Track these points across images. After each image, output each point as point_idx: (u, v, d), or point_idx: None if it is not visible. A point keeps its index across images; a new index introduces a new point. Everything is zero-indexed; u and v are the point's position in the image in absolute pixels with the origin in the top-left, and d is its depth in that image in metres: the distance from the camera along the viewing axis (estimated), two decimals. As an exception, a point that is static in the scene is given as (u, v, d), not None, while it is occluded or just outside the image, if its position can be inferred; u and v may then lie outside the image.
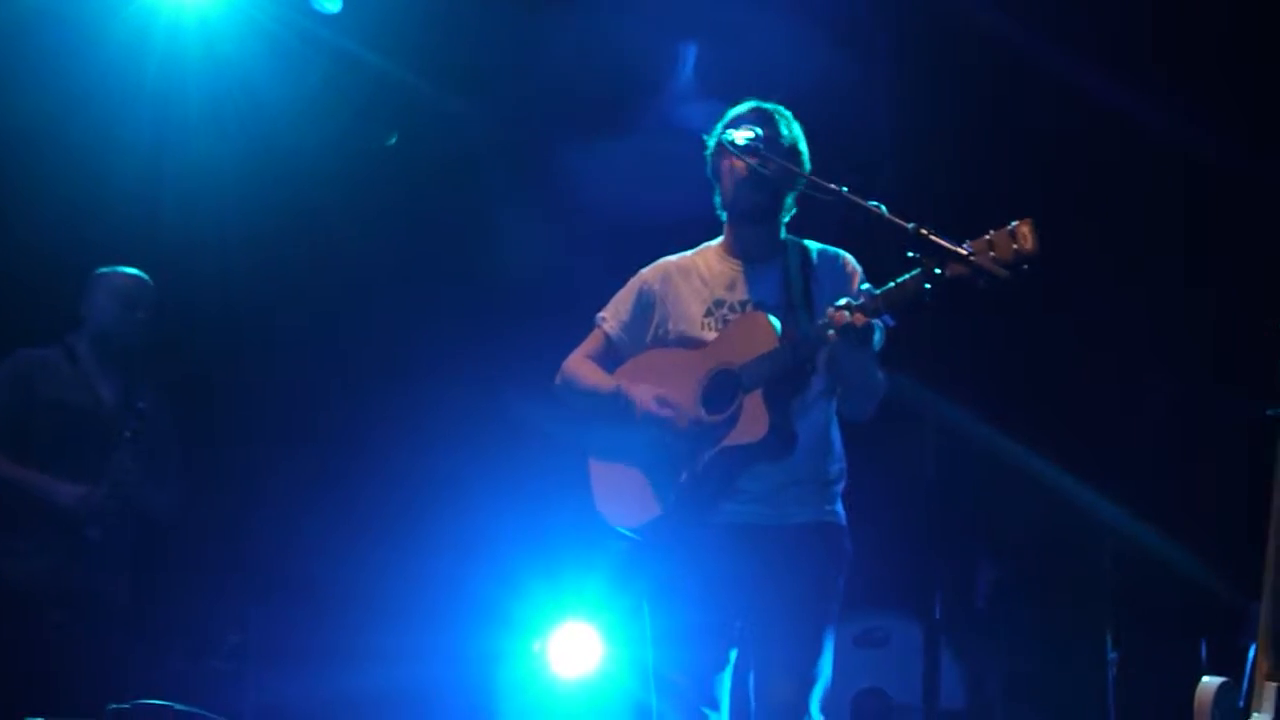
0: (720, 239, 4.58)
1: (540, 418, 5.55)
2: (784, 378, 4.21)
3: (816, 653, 4.22)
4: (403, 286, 7.21)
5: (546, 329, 7.16)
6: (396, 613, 6.97)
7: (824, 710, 4.21)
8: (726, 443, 4.20)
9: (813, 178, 4.29)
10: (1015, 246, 3.71)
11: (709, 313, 4.41)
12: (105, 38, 6.27)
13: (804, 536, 4.28)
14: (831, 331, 4.00)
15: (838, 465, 4.41)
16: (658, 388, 4.31)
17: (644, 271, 4.56)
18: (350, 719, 6.45)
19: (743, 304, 4.40)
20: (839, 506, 4.39)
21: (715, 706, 4.27)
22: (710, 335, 4.36)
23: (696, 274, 4.49)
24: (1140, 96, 6.43)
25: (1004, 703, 7.17)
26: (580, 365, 4.50)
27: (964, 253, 3.79)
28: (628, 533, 4.38)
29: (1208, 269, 6.80)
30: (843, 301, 4.02)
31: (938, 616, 3.95)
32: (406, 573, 7.02)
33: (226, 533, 6.94)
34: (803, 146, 4.48)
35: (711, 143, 4.53)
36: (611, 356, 4.50)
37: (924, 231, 3.88)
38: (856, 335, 4.00)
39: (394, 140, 7.03)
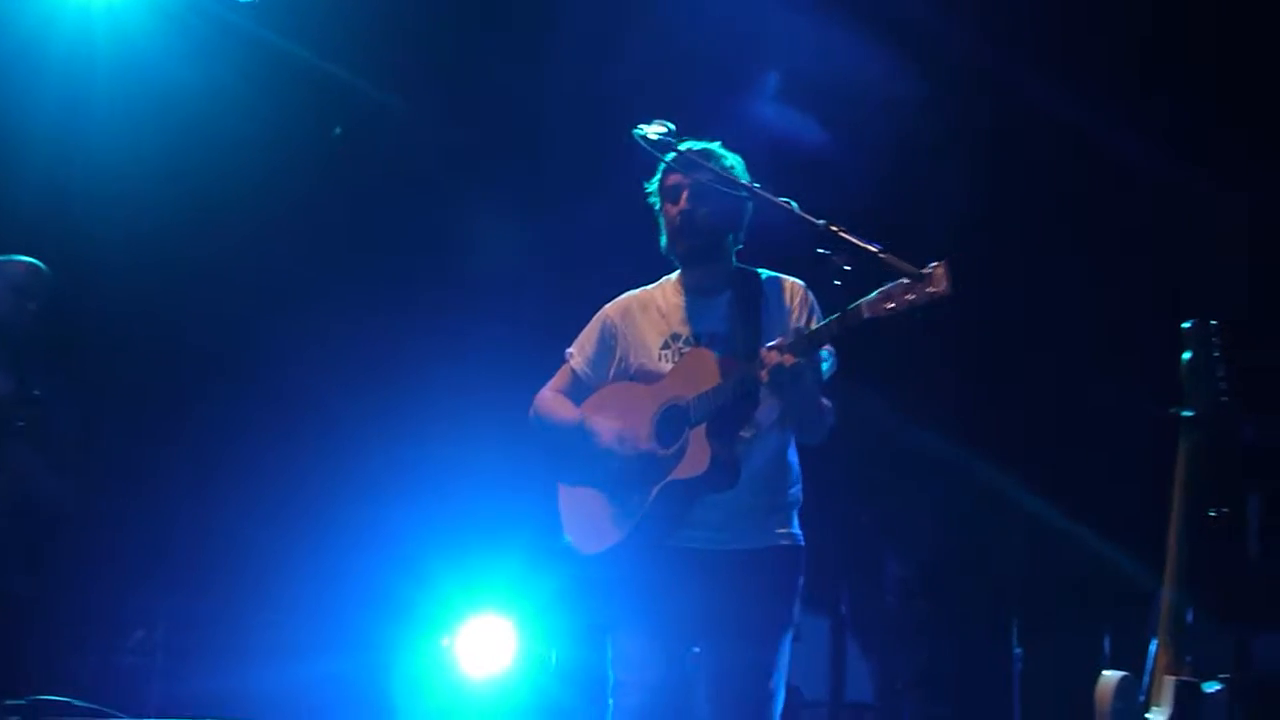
0: (677, 272, 4.61)
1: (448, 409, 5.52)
2: (726, 412, 4.26)
3: (768, 674, 4.26)
4: (311, 277, 7.13)
5: (452, 321, 7.21)
6: (302, 606, 6.91)
7: None
8: (673, 476, 4.28)
9: (749, 186, 4.32)
10: (930, 290, 3.82)
11: (665, 345, 4.47)
12: (10, 25, 6.14)
13: (757, 561, 4.32)
14: (763, 371, 4.06)
15: (794, 489, 4.44)
16: (617, 421, 4.41)
17: (607, 308, 4.62)
18: (253, 714, 6.35)
19: (695, 337, 4.44)
20: (795, 528, 4.41)
21: None
22: (667, 368, 4.43)
23: (655, 307, 4.54)
24: (1054, 94, 6.49)
25: (912, 697, 7.21)
26: (549, 399, 4.59)
27: (874, 250, 3.89)
28: (589, 556, 4.44)
29: (1115, 269, 6.87)
30: (774, 342, 4.10)
31: (844, 613, 3.97)
32: (313, 565, 6.95)
33: (133, 526, 6.83)
34: (739, 172, 4.44)
35: (652, 184, 4.53)
36: (579, 390, 4.57)
37: (834, 229, 3.96)
38: (787, 375, 4.05)
39: (339, 131, 6.96)
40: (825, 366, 4.25)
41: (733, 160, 4.44)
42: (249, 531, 6.93)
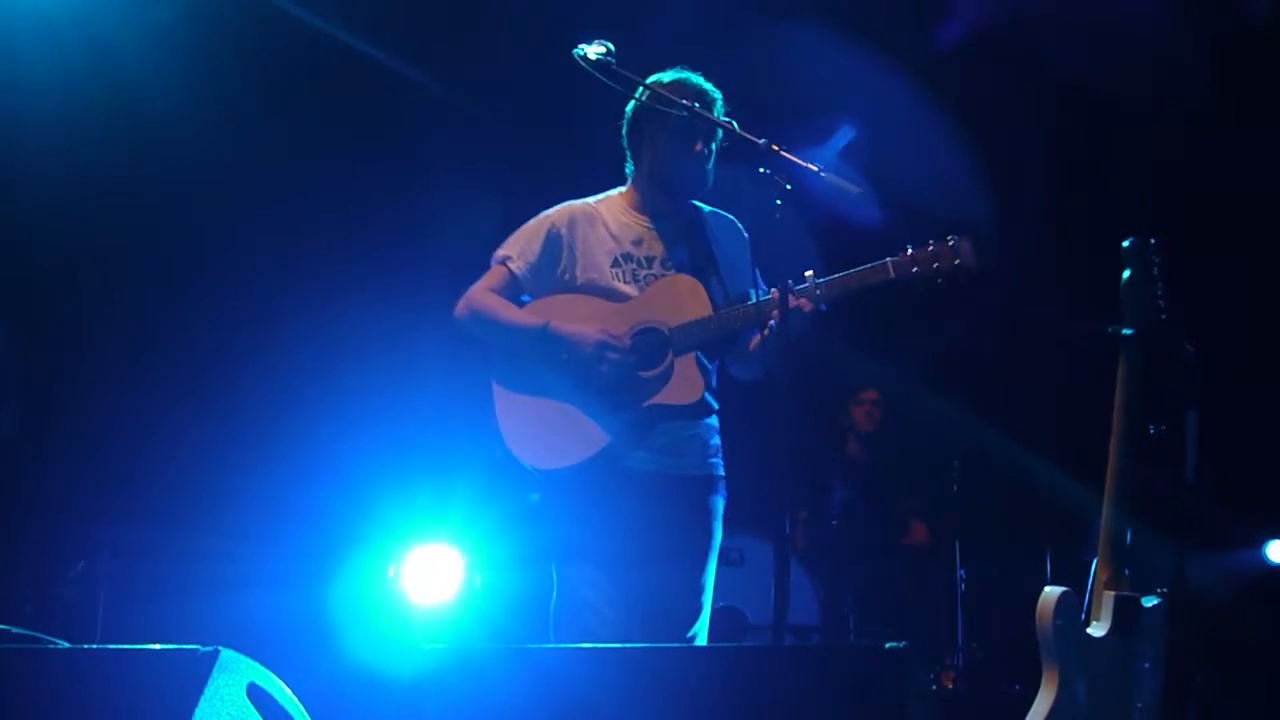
0: (624, 189, 4.56)
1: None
2: (712, 345, 4.36)
3: (701, 589, 4.39)
4: (257, 212, 7.01)
5: (399, 244, 7.14)
6: (248, 535, 6.82)
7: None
8: (658, 399, 4.30)
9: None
10: (957, 262, 4.14)
11: (616, 264, 4.40)
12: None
13: (695, 486, 4.42)
14: (776, 311, 4.08)
15: (717, 422, 4.51)
16: (594, 334, 4.29)
17: (550, 215, 4.48)
18: (198, 642, 6.31)
19: (650, 260, 4.41)
20: (720, 459, 4.51)
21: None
22: (622, 287, 4.37)
23: (602, 223, 4.46)
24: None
25: (856, 618, 7.25)
26: (491, 299, 4.40)
27: (815, 168, 3.90)
28: (544, 471, 4.33)
29: (1059, 190, 6.86)
30: (802, 286, 4.15)
31: (788, 534, 3.96)
32: (259, 494, 6.86)
33: (75, 455, 6.74)
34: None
35: (632, 103, 4.45)
36: (515, 295, 4.42)
37: (775, 147, 3.99)
38: (800, 320, 4.15)
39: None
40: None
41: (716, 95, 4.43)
42: (193, 460, 6.84)
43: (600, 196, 4.55)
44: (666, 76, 4.41)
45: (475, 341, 4.43)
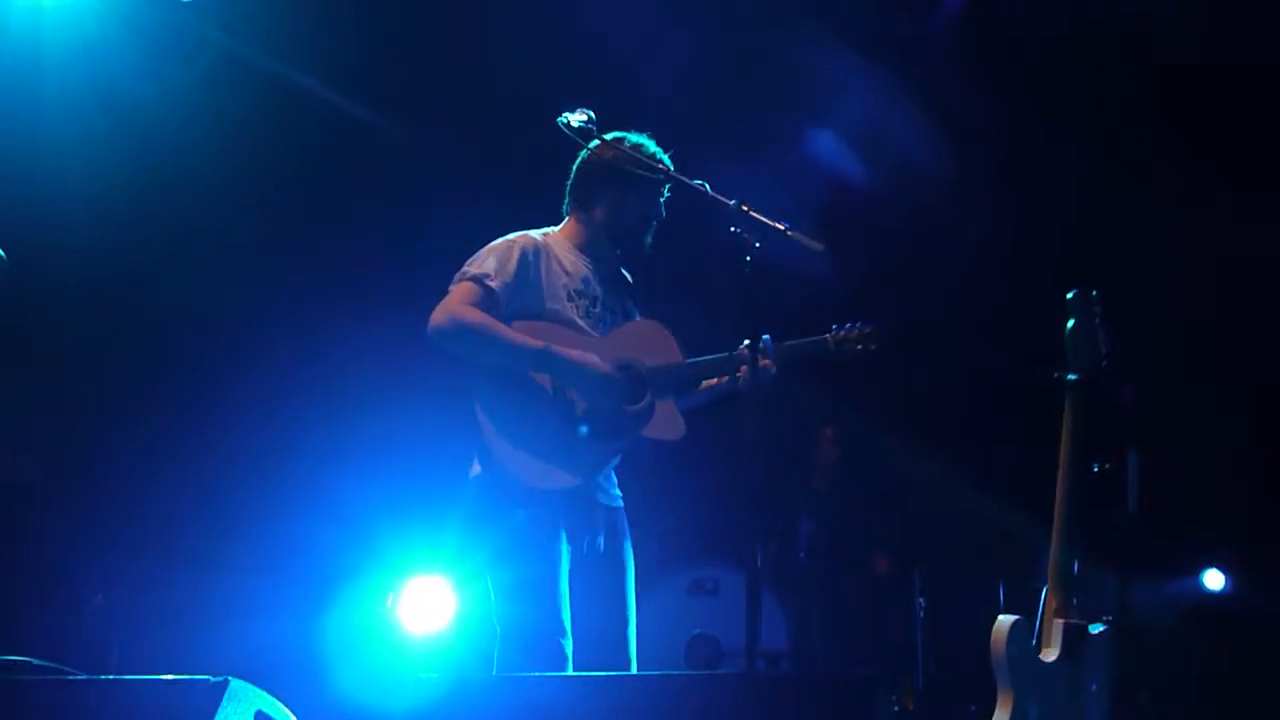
0: (563, 227, 4.53)
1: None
2: (683, 388, 4.41)
3: (632, 606, 4.40)
4: (259, 249, 6.97)
5: (397, 279, 7.12)
6: (251, 569, 6.78)
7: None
8: (647, 433, 4.29)
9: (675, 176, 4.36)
10: (860, 348, 4.51)
11: (570, 298, 4.35)
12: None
13: (624, 518, 4.46)
14: (744, 368, 4.11)
15: None
16: (593, 365, 4.23)
17: (519, 240, 4.36)
18: (205, 672, 6.27)
19: (595, 300, 4.39)
20: None
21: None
22: (580, 322, 4.32)
23: (555, 257, 4.40)
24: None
25: (824, 645, 7.23)
26: (480, 315, 4.18)
27: (781, 228, 3.91)
28: (533, 490, 4.22)
29: (999, 238, 6.90)
30: (759, 347, 4.18)
31: (759, 565, 3.96)
32: (260, 529, 6.81)
33: (87, 494, 6.69)
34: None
35: (592, 154, 4.45)
36: (493, 314, 4.22)
37: (745, 208, 3.99)
38: (763, 378, 4.21)
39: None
40: None
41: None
42: (200, 498, 6.79)
43: (543, 231, 4.48)
44: (631, 138, 4.42)
45: (454, 357, 4.22)
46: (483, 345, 4.18)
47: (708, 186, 4.14)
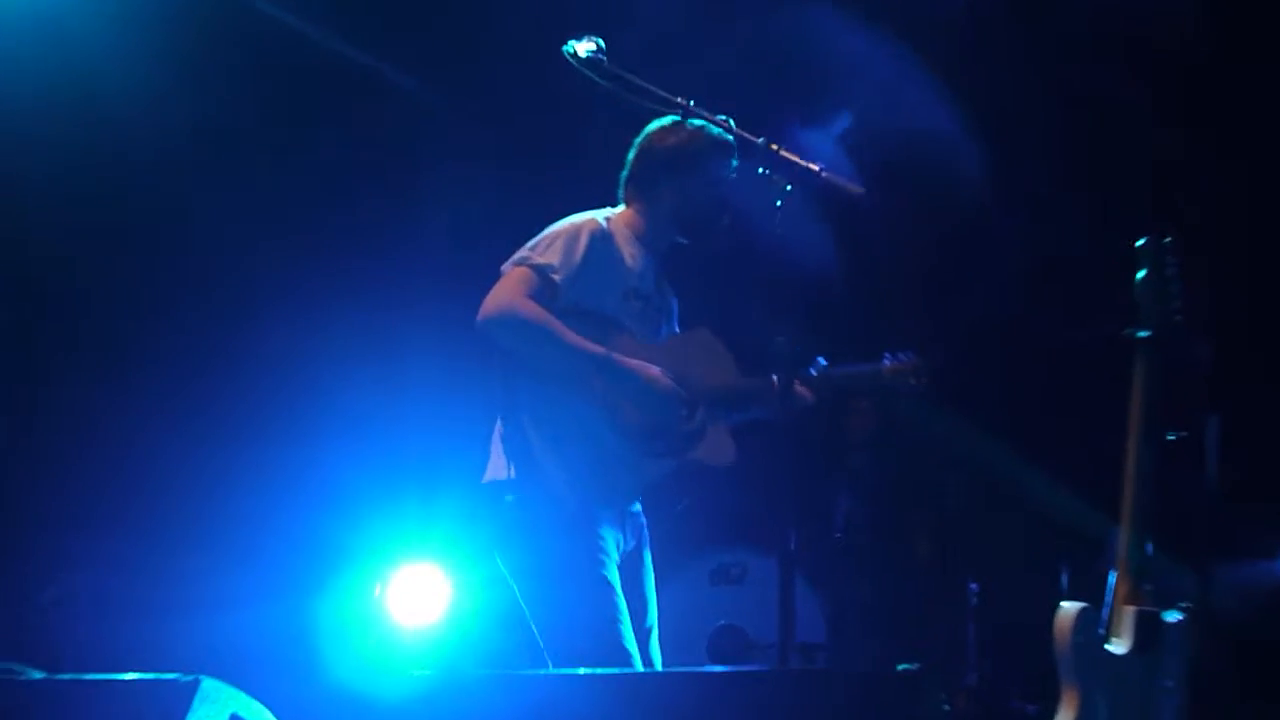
0: (623, 212, 4.54)
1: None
2: (733, 409, 4.44)
3: (654, 611, 4.53)
4: (243, 222, 6.95)
5: (388, 256, 7.15)
6: (228, 553, 6.80)
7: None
8: (698, 456, 4.32)
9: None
10: (912, 382, 4.62)
11: (626, 297, 4.38)
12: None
13: (642, 514, 4.53)
14: (806, 392, 4.39)
15: None
16: (657, 380, 4.27)
17: (582, 222, 4.37)
18: (177, 666, 6.33)
19: (647, 301, 4.43)
20: None
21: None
22: (631, 324, 4.35)
23: (619, 249, 4.41)
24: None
25: (862, 635, 7.23)
26: (541, 312, 4.18)
27: (816, 169, 3.87)
28: (587, 513, 4.28)
29: (1067, 188, 6.87)
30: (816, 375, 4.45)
31: (792, 548, 3.95)
32: (237, 509, 6.83)
33: (46, 468, 6.73)
34: None
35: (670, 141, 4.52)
36: (550, 307, 4.22)
37: (774, 146, 3.95)
38: (805, 406, 4.41)
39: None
40: None
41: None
42: (171, 475, 6.81)
43: (606, 215, 4.48)
44: (690, 122, 4.39)
45: (506, 352, 4.23)
46: (540, 343, 4.18)
47: (732, 122, 4.11)
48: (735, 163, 4.44)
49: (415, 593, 6.90)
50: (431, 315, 7.04)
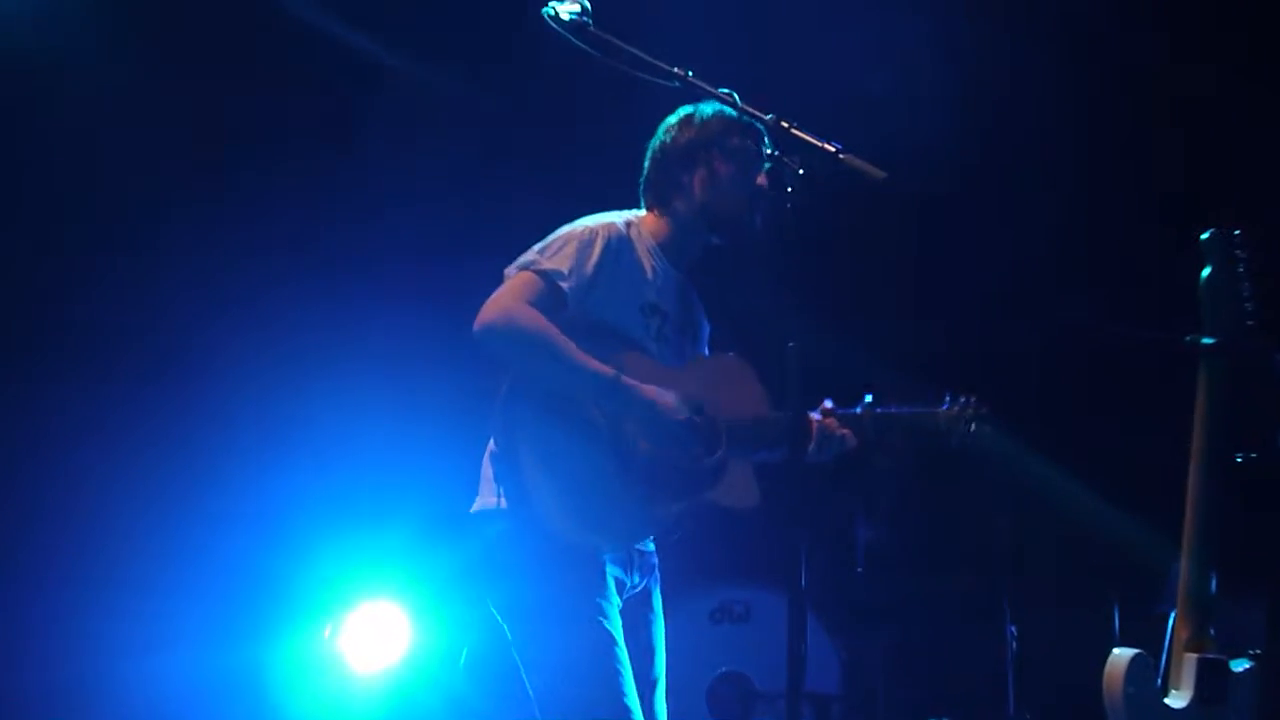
0: (644, 216, 4.54)
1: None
2: (762, 447, 4.40)
3: (662, 662, 4.50)
4: (183, 236, 7.04)
5: (341, 268, 7.16)
6: (164, 592, 6.80)
7: (676, 697, 4.53)
8: (716, 497, 4.27)
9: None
10: (966, 427, 4.64)
11: (643, 312, 4.37)
12: None
13: (654, 554, 4.54)
14: (846, 433, 4.49)
15: None
16: (671, 409, 4.24)
17: (597, 227, 4.36)
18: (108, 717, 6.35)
19: (666, 319, 4.41)
20: None
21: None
22: (648, 344, 4.35)
23: (638, 257, 4.41)
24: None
25: (885, 685, 7.22)
26: (545, 324, 4.17)
27: (833, 150, 3.83)
28: (585, 550, 4.24)
29: (1125, 188, 6.89)
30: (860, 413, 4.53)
31: (804, 584, 3.91)
32: (174, 542, 6.83)
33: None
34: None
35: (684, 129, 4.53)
36: (555, 318, 4.21)
37: (785, 124, 3.89)
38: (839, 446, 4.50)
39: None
40: None
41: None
42: (100, 503, 6.82)
43: (626, 218, 4.48)
44: (704, 109, 4.47)
45: (503, 363, 4.24)
46: (537, 356, 4.18)
47: (736, 96, 4.07)
48: (766, 148, 4.37)
49: (372, 634, 6.93)
50: (390, 329, 7.08)
